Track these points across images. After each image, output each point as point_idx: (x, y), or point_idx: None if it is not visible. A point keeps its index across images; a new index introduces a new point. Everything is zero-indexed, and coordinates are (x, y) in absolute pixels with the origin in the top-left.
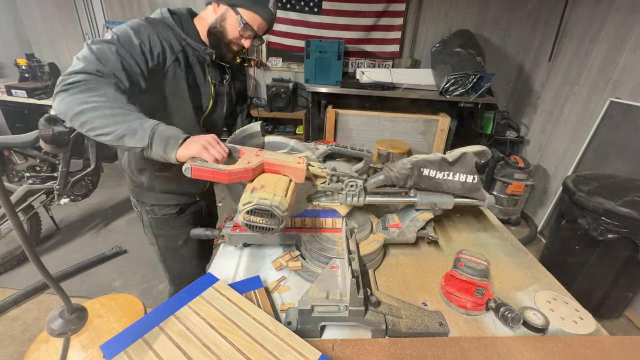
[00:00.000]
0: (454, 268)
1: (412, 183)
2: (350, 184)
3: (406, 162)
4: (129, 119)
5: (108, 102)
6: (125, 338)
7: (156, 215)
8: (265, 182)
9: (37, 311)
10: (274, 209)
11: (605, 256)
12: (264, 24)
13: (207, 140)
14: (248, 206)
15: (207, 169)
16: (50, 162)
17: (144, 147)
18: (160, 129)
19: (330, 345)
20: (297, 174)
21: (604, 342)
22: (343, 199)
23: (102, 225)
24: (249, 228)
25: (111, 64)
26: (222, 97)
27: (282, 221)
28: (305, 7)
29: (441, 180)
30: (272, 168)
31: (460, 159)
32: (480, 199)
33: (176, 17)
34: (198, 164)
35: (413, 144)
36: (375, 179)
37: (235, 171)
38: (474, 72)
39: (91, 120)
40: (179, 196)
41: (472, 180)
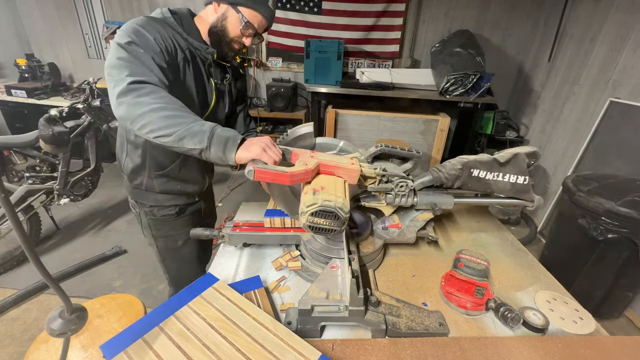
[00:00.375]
0: (454, 268)
1: (461, 183)
2: (400, 185)
3: (456, 162)
4: (187, 121)
5: (167, 105)
6: (125, 338)
7: (155, 216)
8: (324, 183)
9: (37, 311)
10: (338, 210)
11: (605, 256)
12: (265, 21)
13: (265, 143)
14: (312, 208)
15: (270, 171)
16: (50, 162)
17: (203, 148)
18: (218, 130)
19: (330, 345)
20: (352, 175)
21: (604, 342)
22: (392, 199)
23: (102, 225)
24: (312, 230)
25: (149, 62)
26: (223, 96)
27: (344, 222)
28: (305, 7)
29: (491, 181)
30: (327, 169)
31: (512, 160)
32: (529, 200)
33: (177, 17)
34: (260, 166)
35: (413, 144)
36: (422, 179)
37: (296, 173)
38: (473, 72)
39: (152, 122)
40: (178, 196)
41: (522, 182)
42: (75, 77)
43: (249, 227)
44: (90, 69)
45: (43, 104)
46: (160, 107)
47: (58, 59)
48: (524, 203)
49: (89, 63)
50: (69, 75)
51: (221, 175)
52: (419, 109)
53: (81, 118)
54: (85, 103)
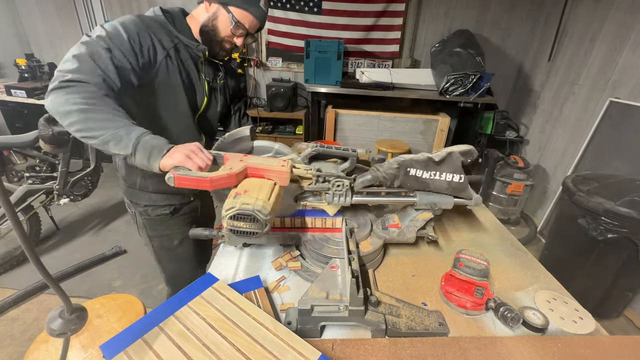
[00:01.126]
0: (454, 268)
1: (400, 183)
2: (337, 184)
3: (392, 162)
4: (116, 125)
5: (98, 106)
6: (125, 338)
7: (150, 216)
8: (249, 186)
9: (37, 311)
10: (256, 213)
11: (604, 256)
12: (256, 22)
13: (190, 149)
14: (231, 212)
15: (189, 178)
16: (50, 162)
17: (127, 154)
18: (145, 138)
19: (330, 345)
20: (282, 177)
21: (604, 342)
22: (330, 198)
23: (101, 225)
24: (234, 233)
25: (102, 61)
26: (216, 95)
27: (265, 225)
28: (305, 7)
29: (428, 180)
30: (256, 172)
31: (447, 159)
32: (467, 197)
33: (168, 16)
34: (181, 172)
35: (413, 144)
36: (363, 178)
37: (217, 177)
38: (473, 72)
39: (79, 122)
40: (173, 196)
41: (458, 180)
42: None
43: None
44: None
45: (43, 104)
46: (88, 109)
47: (58, 59)
48: (464, 201)
49: None
50: None
51: None
52: (419, 109)
53: None
54: None
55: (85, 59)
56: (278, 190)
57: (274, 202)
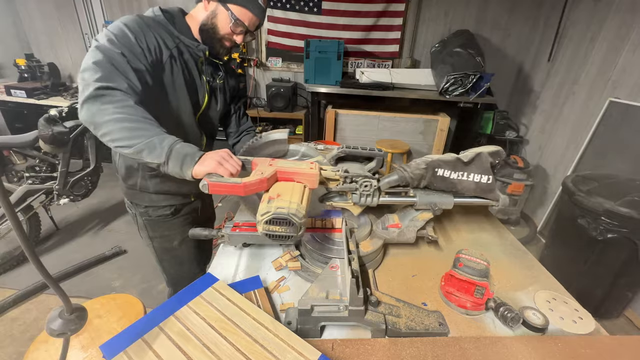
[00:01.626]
0: (454, 268)
1: (426, 183)
2: (364, 184)
3: (420, 162)
4: (149, 133)
5: (130, 116)
6: (125, 338)
7: (150, 216)
8: (281, 190)
9: (37, 311)
10: (291, 216)
11: (604, 256)
12: (255, 19)
13: (220, 156)
14: (266, 216)
15: (223, 184)
16: (50, 162)
17: (161, 163)
18: (177, 146)
19: (330, 345)
20: (311, 180)
21: (604, 342)
22: (357, 199)
23: (101, 225)
24: (269, 237)
25: (122, 67)
26: (216, 95)
27: (300, 228)
28: (305, 7)
29: (455, 181)
30: (286, 176)
31: (475, 159)
32: (494, 199)
33: (168, 15)
34: (214, 179)
35: (413, 144)
36: (389, 178)
37: (250, 183)
38: (473, 72)
39: (113, 132)
40: (173, 196)
41: (486, 181)
42: (75, 77)
43: (249, 227)
44: None
45: (43, 104)
46: (122, 118)
47: (58, 59)
48: (490, 202)
49: None
50: (68, 75)
51: None
52: (418, 109)
53: None
54: None
55: (105, 65)
56: (308, 193)
57: (306, 205)
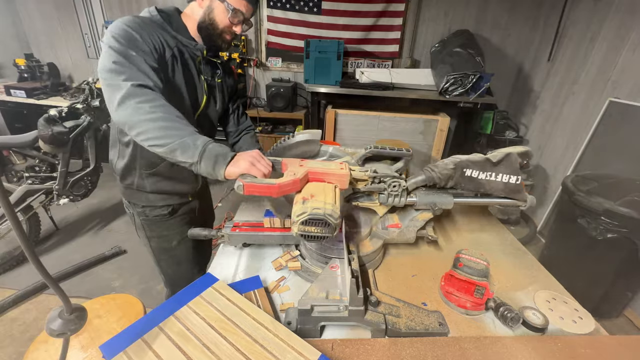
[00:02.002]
0: (454, 268)
1: (454, 183)
2: (393, 184)
3: (448, 162)
4: (182, 133)
5: (165, 115)
6: (124, 338)
7: (147, 216)
8: (314, 191)
9: (37, 311)
10: (327, 217)
11: (604, 256)
12: (249, 6)
13: (252, 157)
14: (303, 217)
15: (258, 185)
16: (50, 162)
17: (194, 162)
18: (210, 147)
19: (330, 345)
20: (342, 180)
21: (604, 342)
22: (384, 199)
23: (101, 225)
24: (304, 238)
25: (141, 66)
26: (214, 93)
27: (335, 228)
28: (305, 7)
29: (484, 181)
30: (317, 176)
31: (504, 160)
32: (522, 199)
33: (164, 15)
34: (249, 180)
35: (412, 144)
36: (416, 179)
37: (284, 184)
38: (473, 72)
39: (148, 131)
40: (170, 196)
41: (515, 181)
42: (75, 77)
43: (249, 227)
44: (90, 69)
45: (42, 104)
46: (158, 117)
47: (57, 59)
48: (517, 203)
49: (89, 63)
50: (68, 75)
51: None
52: (418, 109)
53: (80, 118)
54: (84, 103)
55: (127, 64)
56: (339, 194)
57: (339, 205)
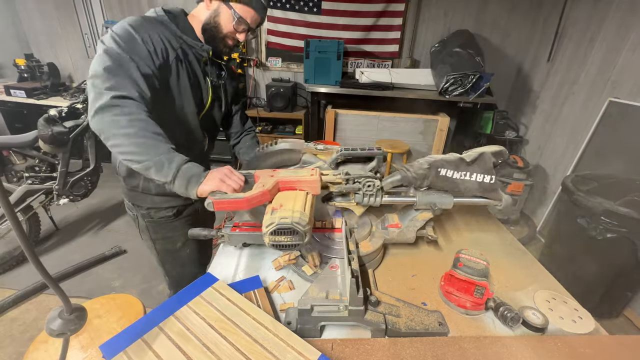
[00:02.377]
0: (454, 268)
1: (429, 183)
2: (367, 184)
3: (423, 162)
4: (158, 151)
5: (142, 131)
6: (124, 338)
7: (152, 218)
8: (283, 200)
9: (36, 311)
10: (295, 225)
11: (604, 256)
12: (257, 16)
13: (223, 173)
14: (271, 227)
15: (227, 201)
16: (50, 162)
17: (167, 182)
18: (184, 167)
19: (330, 345)
20: (313, 186)
21: (603, 342)
22: (360, 199)
23: (101, 225)
24: (275, 248)
25: (132, 73)
26: (219, 94)
27: (305, 235)
28: (305, 7)
29: (458, 180)
30: (288, 185)
31: (478, 159)
32: (496, 199)
33: (171, 16)
34: (218, 197)
35: (412, 144)
36: (392, 178)
37: (253, 196)
38: (473, 72)
39: (123, 145)
40: (175, 198)
41: (489, 181)
42: (75, 77)
43: (249, 227)
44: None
45: (42, 104)
46: (133, 133)
47: (57, 59)
48: (492, 202)
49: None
50: (68, 75)
51: None
52: (418, 109)
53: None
54: (84, 103)
55: (117, 71)
56: (312, 200)
57: (309, 212)
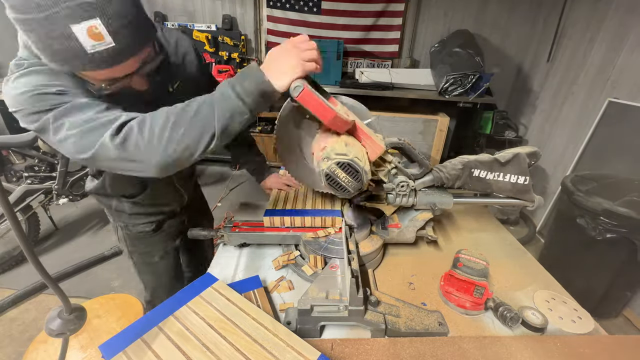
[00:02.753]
0: (453, 268)
1: (462, 183)
2: (401, 185)
3: (456, 162)
4: (201, 109)
5: (169, 116)
6: (124, 338)
7: (130, 231)
8: (354, 144)
9: (36, 311)
10: (364, 173)
11: (603, 256)
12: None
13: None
14: (342, 157)
15: (317, 99)
16: (49, 162)
17: (247, 113)
18: (233, 81)
19: (330, 345)
20: (376, 151)
21: (603, 342)
22: (392, 199)
23: (100, 225)
24: (327, 179)
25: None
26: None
27: (360, 188)
28: (305, 7)
29: (492, 181)
30: (359, 134)
31: (513, 160)
32: (529, 200)
33: None
34: (311, 88)
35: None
36: (424, 179)
37: (339, 118)
38: (472, 72)
39: (183, 141)
40: (152, 215)
41: (523, 182)
42: None
43: (248, 227)
44: None
45: None
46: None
47: None
48: (524, 203)
49: None
50: None
51: (220, 176)
52: (418, 109)
53: None
54: None
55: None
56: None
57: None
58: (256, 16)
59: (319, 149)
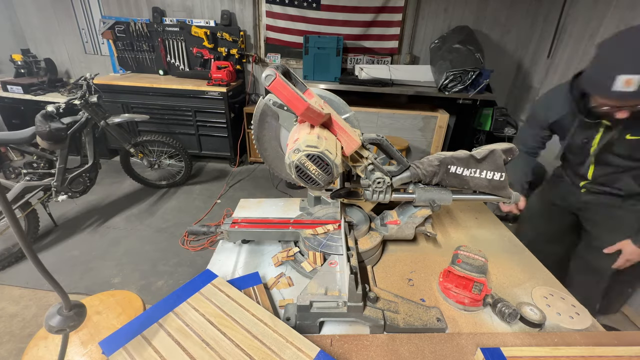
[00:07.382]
0: (452, 264)
1: (439, 180)
2: (377, 181)
3: (433, 159)
4: None
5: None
6: (124, 334)
7: None
8: (329, 137)
9: (36, 308)
10: (334, 167)
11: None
12: None
13: None
14: (312, 150)
15: (289, 89)
16: (48, 159)
17: None
18: None
19: (329, 341)
20: (351, 146)
21: (600, 338)
22: (369, 195)
23: (100, 222)
24: (297, 171)
25: None
26: None
27: (330, 182)
28: (304, 3)
29: (468, 178)
30: (334, 128)
31: (489, 156)
32: (506, 196)
33: None
34: (283, 78)
35: (412, 140)
36: (401, 175)
37: (312, 109)
38: (472, 69)
39: None
40: None
41: (499, 178)
42: (72, 73)
43: (248, 223)
44: (87, 64)
45: (40, 100)
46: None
47: (54, 55)
48: (501, 199)
49: (86, 58)
50: (65, 71)
51: (219, 172)
52: (417, 106)
53: (78, 114)
54: (82, 99)
55: None
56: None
57: (341, 167)
58: (255, 12)
59: (292, 140)
